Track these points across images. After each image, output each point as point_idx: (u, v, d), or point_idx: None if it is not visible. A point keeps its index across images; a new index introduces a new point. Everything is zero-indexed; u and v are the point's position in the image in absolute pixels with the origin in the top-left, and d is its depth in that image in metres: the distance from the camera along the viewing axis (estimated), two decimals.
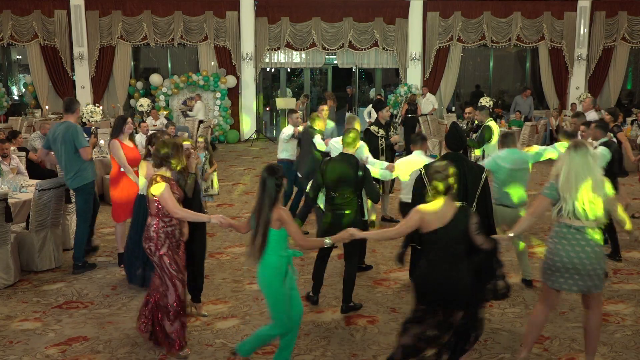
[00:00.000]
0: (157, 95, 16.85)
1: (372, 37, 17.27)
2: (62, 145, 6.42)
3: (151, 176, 4.67)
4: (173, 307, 4.58)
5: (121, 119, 6.70)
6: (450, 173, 3.97)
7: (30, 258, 6.56)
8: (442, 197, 3.99)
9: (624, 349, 4.82)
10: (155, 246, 4.59)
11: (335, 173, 5.40)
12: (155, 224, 4.62)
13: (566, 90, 17.80)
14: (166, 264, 4.58)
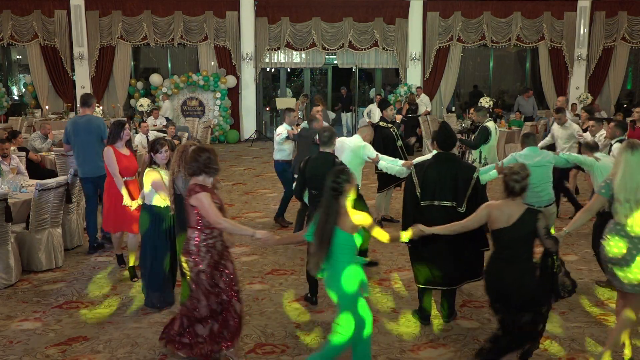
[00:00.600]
0: (157, 95, 16.86)
1: (372, 37, 17.27)
2: (88, 136, 7.02)
3: (190, 186, 4.30)
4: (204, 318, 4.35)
5: (119, 125, 6.29)
6: (527, 175, 4.07)
7: (30, 258, 6.56)
8: (514, 198, 4.07)
9: (624, 349, 4.81)
10: (194, 262, 4.28)
11: (314, 171, 5.49)
12: (196, 237, 4.27)
13: (566, 90, 17.79)
14: (202, 281, 4.27)
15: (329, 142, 5.61)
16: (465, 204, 4.88)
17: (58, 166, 9.21)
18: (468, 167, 5.15)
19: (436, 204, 4.96)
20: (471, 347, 4.82)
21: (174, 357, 4.62)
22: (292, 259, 6.93)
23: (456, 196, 4.92)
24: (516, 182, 4.05)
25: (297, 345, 4.85)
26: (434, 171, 5.00)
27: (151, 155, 5.44)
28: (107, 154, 6.23)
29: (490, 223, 4.12)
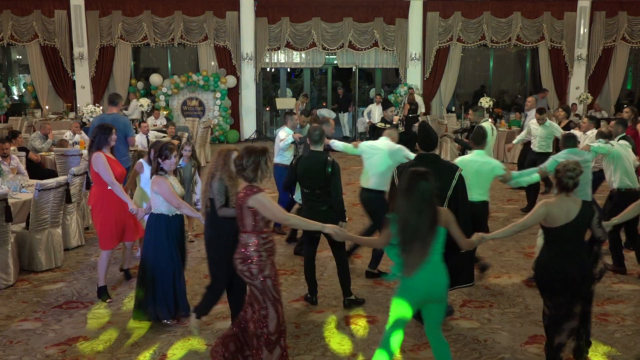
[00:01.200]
0: (157, 95, 16.86)
1: (372, 37, 17.28)
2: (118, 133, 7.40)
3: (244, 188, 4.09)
4: (273, 335, 4.05)
5: (106, 130, 5.65)
6: (581, 172, 4.16)
7: (30, 258, 6.56)
8: (567, 194, 4.14)
9: (624, 349, 4.82)
10: (258, 268, 4.03)
11: (305, 170, 5.52)
12: (253, 242, 4.05)
13: (566, 90, 17.81)
14: (269, 288, 4.04)
15: (319, 141, 5.62)
16: (446, 204, 4.85)
17: (58, 166, 9.21)
18: (449, 167, 5.11)
19: None
20: (471, 347, 4.82)
21: None
22: (292, 259, 6.93)
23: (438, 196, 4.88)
24: (570, 179, 4.13)
25: (297, 345, 4.85)
26: None
27: (158, 161, 5.03)
28: (98, 160, 5.54)
29: (550, 221, 4.13)
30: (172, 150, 5.05)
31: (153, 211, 5.15)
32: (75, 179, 7.24)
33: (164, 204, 5.03)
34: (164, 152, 5.02)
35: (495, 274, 6.54)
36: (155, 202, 5.09)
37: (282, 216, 4.13)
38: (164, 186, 4.96)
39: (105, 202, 5.63)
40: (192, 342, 4.92)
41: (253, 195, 3.98)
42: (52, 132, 10.76)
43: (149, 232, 5.19)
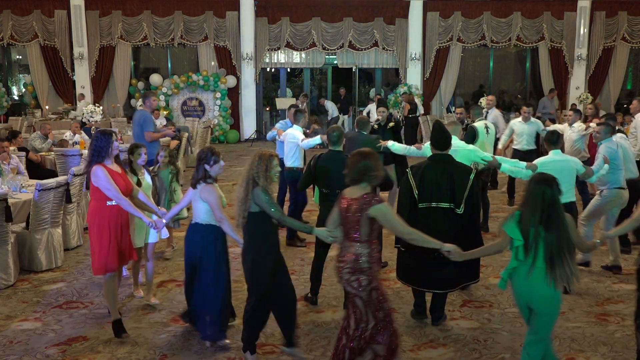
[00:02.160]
0: (157, 95, 16.85)
1: (372, 37, 17.28)
2: (135, 127, 8.42)
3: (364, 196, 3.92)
4: (390, 346, 3.98)
5: (104, 138, 4.90)
6: None
7: (30, 258, 6.56)
8: None
9: (624, 349, 4.82)
10: (368, 280, 3.90)
11: (324, 170, 5.50)
12: (367, 253, 3.90)
13: (566, 90, 17.81)
14: (374, 300, 3.95)
15: (338, 141, 5.61)
16: (463, 205, 4.87)
17: (58, 166, 9.21)
18: (464, 168, 5.13)
19: (434, 206, 4.93)
20: (471, 347, 4.82)
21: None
22: (292, 259, 6.93)
23: (454, 197, 4.89)
24: None
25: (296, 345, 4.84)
26: (431, 173, 4.97)
27: (205, 168, 4.66)
28: (97, 174, 4.81)
29: None
30: (218, 154, 4.70)
31: (198, 221, 4.72)
32: (75, 179, 7.24)
33: (208, 214, 4.68)
34: (212, 157, 4.66)
35: (495, 274, 6.54)
36: (200, 211, 4.69)
37: (404, 229, 3.99)
38: (214, 195, 4.63)
39: (104, 220, 4.90)
40: (192, 341, 4.92)
41: (376, 205, 3.86)
42: (52, 132, 10.76)
43: (192, 246, 4.75)
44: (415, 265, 5.00)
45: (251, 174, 4.29)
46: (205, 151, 4.74)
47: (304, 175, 5.85)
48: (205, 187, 4.66)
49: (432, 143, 5.18)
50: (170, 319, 5.34)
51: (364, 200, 3.88)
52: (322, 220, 5.49)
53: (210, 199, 4.62)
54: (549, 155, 6.06)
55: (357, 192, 3.97)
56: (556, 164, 5.80)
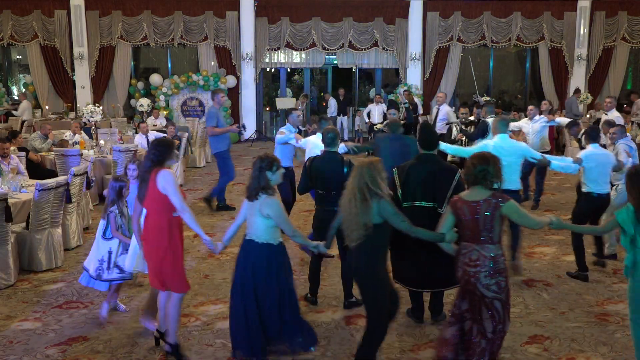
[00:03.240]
0: (157, 95, 16.86)
1: (372, 37, 17.28)
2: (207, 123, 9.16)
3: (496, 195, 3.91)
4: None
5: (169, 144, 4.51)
6: None
7: (30, 258, 6.56)
8: None
9: (624, 349, 4.82)
10: (505, 281, 3.91)
11: (320, 171, 5.49)
12: (501, 253, 3.92)
13: (566, 90, 17.81)
14: (509, 300, 4.00)
15: (333, 143, 5.58)
16: (446, 205, 4.85)
17: (58, 166, 9.21)
18: (449, 168, 5.14)
19: (417, 205, 4.94)
20: None
21: None
22: (291, 259, 6.89)
23: (436, 197, 4.90)
24: None
25: None
26: (415, 172, 4.99)
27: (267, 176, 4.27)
28: (168, 177, 4.32)
29: None
30: (279, 161, 4.40)
31: (257, 240, 4.29)
32: (75, 179, 7.24)
33: (269, 231, 4.28)
34: (275, 164, 4.30)
35: None
36: (257, 227, 4.26)
37: (534, 221, 4.05)
38: (280, 209, 4.26)
39: (174, 234, 4.43)
40: (192, 341, 4.92)
41: (506, 202, 3.87)
42: (52, 132, 10.76)
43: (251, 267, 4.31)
44: (408, 265, 5.01)
45: (360, 185, 4.02)
46: (267, 157, 4.31)
47: (301, 179, 5.78)
48: (267, 200, 4.21)
49: (419, 143, 5.21)
50: None
51: (493, 200, 3.88)
52: (318, 221, 5.52)
53: (276, 213, 4.21)
54: (589, 149, 6.36)
55: (478, 195, 3.94)
56: (598, 156, 6.23)
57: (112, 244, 5.21)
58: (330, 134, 5.60)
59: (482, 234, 3.89)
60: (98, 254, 5.21)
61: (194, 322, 5.28)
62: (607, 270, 6.66)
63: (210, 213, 9.12)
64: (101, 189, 9.81)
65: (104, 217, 5.27)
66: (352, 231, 4.06)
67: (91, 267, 5.23)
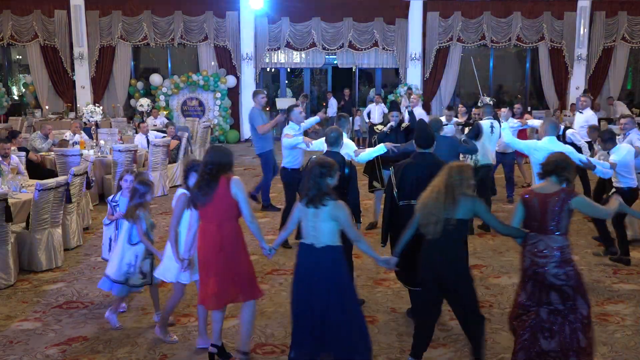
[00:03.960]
0: (157, 95, 16.86)
1: (372, 37, 17.28)
2: (250, 128, 9.20)
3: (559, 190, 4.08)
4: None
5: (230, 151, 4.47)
6: None
7: (30, 258, 6.56)
8: None
9: (624, 349, 4.82)
10: (574, 269, 4.09)
11: None
12: (568, 244, 4.11)
13: (566, 90, 17.82)
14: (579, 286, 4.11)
15: (336, 142, 5.57)
16: None
17: (58, 166, 9.21)
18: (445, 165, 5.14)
19: (413, 204, 4.93)
20: (471, 347, 4.81)
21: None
22: (291, 259, 6.90)
23: None
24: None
25: None
26: (412, 170, 5.00)
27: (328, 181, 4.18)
28: (239, 186, 4.30)
29: None
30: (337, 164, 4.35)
31: (320, 244, 4.14)
32: (75, 179, 7.24)
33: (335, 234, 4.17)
34: (334, 168, 4.28)
35: (495, 274, 6.54)
36: (326, 233, 4.13)
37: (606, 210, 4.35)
38: (349, 213, 4.22)
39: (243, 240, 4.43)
40: (192, 342, 4.92)
41: (576, 197, 4.08)
42: (53, 132, 10.76)
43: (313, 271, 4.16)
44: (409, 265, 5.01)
45: (449, 183, 4.18)
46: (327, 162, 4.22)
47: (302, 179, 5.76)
48: (338, 205, 4.11)
49: (415, 141, 5.22)
50: None
51: (563, 194, 4.06)
52: None
53: (345, 217, 4.13)
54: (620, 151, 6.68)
55: (551, 188, 4.14)
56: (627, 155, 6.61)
57: (138, 249, 5.07)
58: (333, 134, 5.58)
59: (550, 226, 4.06)
60: (125, 259, 5.07)
61: (194, 322, 5.28)
62: (607, 270, 6.66)
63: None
64: (101, 189, 9.83)
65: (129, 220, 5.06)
66: (431, 225, 4.20)
67: (114, 271, 5.08)
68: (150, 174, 10.06)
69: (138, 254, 5.09)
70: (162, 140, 10.43)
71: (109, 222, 5.68)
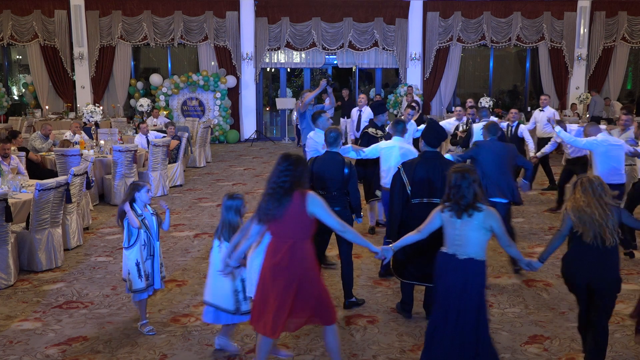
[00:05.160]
0: (157, 95, 16.86)
1: (372, 37, 17.29)
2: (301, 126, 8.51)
3: None
4: None
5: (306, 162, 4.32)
6: None
7: (30, 258, 6.56)
8: None
9: (624, 349, 4.82)
10: None
11: (321, 171, 5.50)
12: None
13: (566, 90, 17.82)
14: None
15: (335, 142, 5.59)
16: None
17: (58, 166, 9.22)
18: (452, 164, 5.18)
19: (426, 202, 5.02)
20: None
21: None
22: None
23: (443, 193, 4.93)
24: None
25: (297, 345, 4.85)
26: (423, 169, 5.06)
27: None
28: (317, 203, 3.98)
29: None
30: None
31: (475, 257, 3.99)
32: (75, 179, 7.24)
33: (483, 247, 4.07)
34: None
35: (495, 274, 6.54)
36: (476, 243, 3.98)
37: None
38: (501, 219, 4.11)
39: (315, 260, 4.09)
40: (192, 341, 4.92)
41: None
42: (53, 132, 10.77)
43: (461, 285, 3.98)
44: (404, 258, 5.06)
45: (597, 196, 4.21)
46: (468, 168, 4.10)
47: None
48: (490, 212, 3.97)
49: (424, 140, 5.25)
50: (170, 319, 5.34)
51: None
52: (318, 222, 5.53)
53: (498, 224, 3.99)
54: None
55: None
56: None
57: (243, 273, 4.54)
58: (332, 133, 5.60)
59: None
60: (232, 285, 4.54)
61: (194, 322, 5.28)
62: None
63: None
64: (101, 189, 9.83)
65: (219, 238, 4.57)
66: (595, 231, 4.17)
67: (222, 301, 4.56)
68: (150, 174, 10.08)
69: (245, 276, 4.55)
70: (162, 140, 10.43)
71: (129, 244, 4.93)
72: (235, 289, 4.53)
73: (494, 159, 6.22)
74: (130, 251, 4.93)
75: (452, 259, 3.97)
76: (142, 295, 5.02)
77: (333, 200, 5.43)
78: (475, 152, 6.35)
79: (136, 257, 4.92)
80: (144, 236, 4.95)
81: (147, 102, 15.61)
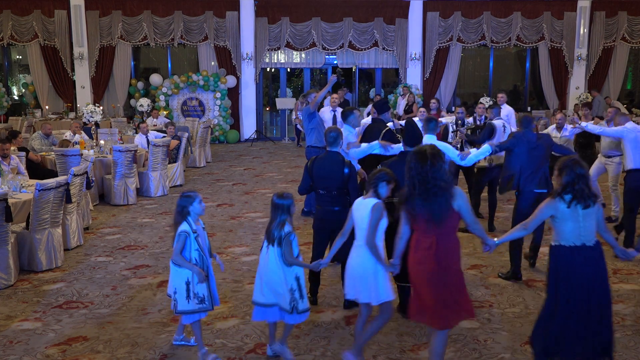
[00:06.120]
0: (157, 95, 16.86)
1: (372, 37, 17.29)
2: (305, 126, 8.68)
3: None
4: None
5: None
6: None
7: (30, 258, 6.56)
8: None
9: (624, 349, 4.81)
10: None
11: (321, 171, 5.48)
12: None
13: (566, 90, 17.83)
14: None
15: (335, 142, 5.59)
16: None
17: (58, 166, 9.22)
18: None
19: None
20: (471, 347, 4.82)
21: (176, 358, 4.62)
22: None
23: None
24: None
25: (297, 345, 4.84)
26: (398, 169, 4.96)
27: None
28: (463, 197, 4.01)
29: None
30: None
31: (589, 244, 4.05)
32: (75, 179, 7.24)
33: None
34: None
35: (495, 274, 6.54)
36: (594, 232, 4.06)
37: None
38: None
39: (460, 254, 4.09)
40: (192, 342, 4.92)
41: None
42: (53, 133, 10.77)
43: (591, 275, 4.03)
44: None
45: None
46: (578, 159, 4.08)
47: (303, 179, 5.72)
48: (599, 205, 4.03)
49: (404, 140, 5.27)
50: (170, 318, 5.34)
51: None
52: (319, 221, 5.54)
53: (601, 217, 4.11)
54: None
55: None
56: None
57: (297, 270, 4.50)
58: (332, 133, 5.59)
59: None
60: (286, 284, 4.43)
61: None
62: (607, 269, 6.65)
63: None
64: (101, 189, 9.83)
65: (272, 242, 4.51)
66: None
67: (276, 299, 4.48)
68: (150, 174, 10.08)
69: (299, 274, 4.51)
70: (162, 140, 10.43)
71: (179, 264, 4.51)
72: (290, 288, 4.42)
73: (528, 151, 6.20)
74: (183, 268, 4.48)
75: (582, 250, 4.01)
76: (193, 317, 4.53)
77: (333, 200, 5.43)
78: (512, 143, 6.30)
79: (187, 276, 4.46)
80: (196, 255, 4.49)
81: (147, 102, 15.61)
